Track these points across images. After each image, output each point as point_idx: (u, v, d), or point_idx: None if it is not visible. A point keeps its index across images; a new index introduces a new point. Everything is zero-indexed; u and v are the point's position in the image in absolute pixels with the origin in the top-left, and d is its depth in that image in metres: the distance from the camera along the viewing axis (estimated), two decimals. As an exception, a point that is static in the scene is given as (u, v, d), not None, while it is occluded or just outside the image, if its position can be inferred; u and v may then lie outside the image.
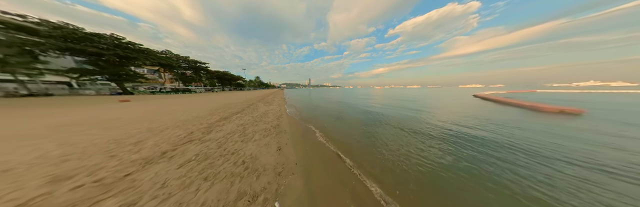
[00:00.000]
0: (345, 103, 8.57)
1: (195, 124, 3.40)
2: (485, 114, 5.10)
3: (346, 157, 2.10)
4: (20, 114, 4.24)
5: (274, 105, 7.71)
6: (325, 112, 6.03)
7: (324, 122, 4.33)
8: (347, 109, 6.71)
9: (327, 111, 6.53)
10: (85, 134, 2.45)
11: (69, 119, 3.61)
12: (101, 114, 4.37)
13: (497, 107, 6.72)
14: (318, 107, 7.67)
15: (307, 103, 9.03)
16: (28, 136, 2.30)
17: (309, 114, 5.82)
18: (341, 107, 7.48)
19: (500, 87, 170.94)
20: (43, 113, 4.47)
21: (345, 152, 2.30)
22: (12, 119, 3.56)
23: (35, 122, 3.24)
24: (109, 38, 12.56)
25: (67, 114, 4.46)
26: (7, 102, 7.18)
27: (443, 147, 2.47)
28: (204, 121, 3.66)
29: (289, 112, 6.01)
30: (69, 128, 2.80)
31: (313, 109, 7.08)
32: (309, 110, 6.80)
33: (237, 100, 9.49)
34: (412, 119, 4.61)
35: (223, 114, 4.67)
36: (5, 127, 2.87)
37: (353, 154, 2.23)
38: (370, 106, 7.56)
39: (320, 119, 4.79)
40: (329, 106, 8.09)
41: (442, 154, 2.21)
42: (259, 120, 4.05)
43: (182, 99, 10.50)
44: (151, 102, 7.88)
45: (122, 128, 2.94)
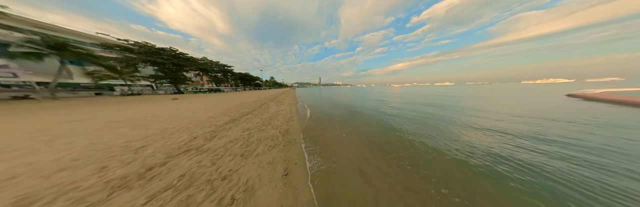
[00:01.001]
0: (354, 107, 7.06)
1: (204, 127, 3.21)
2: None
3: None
4: (127, 106, 5.56)
5: (285, 105, 7.30)
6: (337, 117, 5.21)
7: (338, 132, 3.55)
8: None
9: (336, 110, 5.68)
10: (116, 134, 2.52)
11: (131, 114, 4.00)
12: (150, 110, 5.33)
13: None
14: (328, 113, 6.86)
15: (318, 102, 8.53)
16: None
17: (322, 119, 5.09)
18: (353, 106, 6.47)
19: (613, 81, 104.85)
20: (130, 106, 6.63)
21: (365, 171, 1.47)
22: (123, 109, 4.85)
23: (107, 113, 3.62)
24: (169, 51, 16.78)
25: (137, 107, 6.49)
26: (122, 99, 10.71)
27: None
28: (214, 123, 3.48)
29: (300, 114, 5.45)
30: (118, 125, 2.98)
31: (326, 112, 6.33)
32: (323, 114, 6.07)
33: (252, 99, 9.76)
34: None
35: (234, 115, 4.52)
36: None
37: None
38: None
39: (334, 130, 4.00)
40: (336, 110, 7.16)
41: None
42: (268, 123, 3.61)
43: (211, 97, 12.04)
44: (189, 100, 9.24)
45: (145, 127, 3.10)
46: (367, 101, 8.35)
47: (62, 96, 11.78)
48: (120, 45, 13.82)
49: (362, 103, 7.67)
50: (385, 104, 7.14)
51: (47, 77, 11.18)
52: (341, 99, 10.65)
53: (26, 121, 3.55)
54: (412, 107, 6.04)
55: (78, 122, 3.31)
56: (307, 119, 4.38)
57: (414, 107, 6.03)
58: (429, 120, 3.96)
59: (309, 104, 7.87)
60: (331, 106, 7.10)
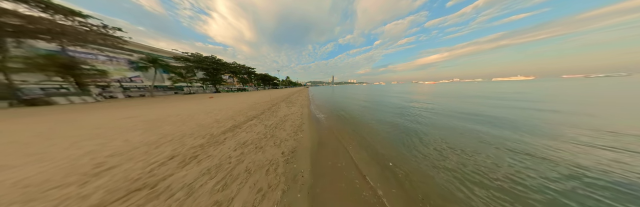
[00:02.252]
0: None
1: (199, 136, 2.65)
2: None
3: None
4: (173, 104, 7.44)
5: (296, 106, 6.63)
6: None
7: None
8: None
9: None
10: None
11: (166, 111, 4.28)
12: (180, 109, 6.04)
13: None
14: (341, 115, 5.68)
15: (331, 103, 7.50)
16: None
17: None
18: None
19: None
20: (174, 105, 7.77)
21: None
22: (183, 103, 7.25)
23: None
24: (211, 58, 22.18)
25: (178, 105, 7.51)
26: (183, 97, 14.83)
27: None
28: (213, 131, 2.91)
29: (312, 117, 4.55)
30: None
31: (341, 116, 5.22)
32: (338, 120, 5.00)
33: (266, 99, 9.77)
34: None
35: (240, 118, 4.02)
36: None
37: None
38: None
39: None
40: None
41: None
42: (271, 135, 2.80)
43: (235, 96, 13.53)
44: (218, 99, 10.46)
45: (154, 130, 2.95)
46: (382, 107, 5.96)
47: (157, 94, 17.86)
48: (183, 56, 19.75)
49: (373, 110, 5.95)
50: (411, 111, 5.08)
51: (150, 82, 17.53)
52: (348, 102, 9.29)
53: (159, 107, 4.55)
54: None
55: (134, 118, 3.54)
56: (319, 128, 3.43)
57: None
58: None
59: (320, 103, 7.11)
60: (344, 108, 5.97)
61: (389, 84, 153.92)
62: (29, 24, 7.71)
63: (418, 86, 35.78)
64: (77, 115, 4.89)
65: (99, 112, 5.39)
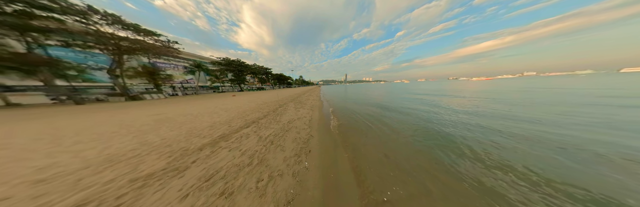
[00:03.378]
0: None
1: (170, 151, 1.96)
2: None
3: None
4: (200, 102, 8.16)
5: (306, 108, 5.60)
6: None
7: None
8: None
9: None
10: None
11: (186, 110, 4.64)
12: (199, 107, 6.42)
13: None
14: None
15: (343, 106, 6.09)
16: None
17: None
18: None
19: None
20: (200, 102, 8.54)
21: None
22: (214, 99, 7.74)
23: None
24: (236, 61, 26.22)
25: (203, 103, 8.12)
26: (217, 94, 17.45)
27: None
28: (195, 141, 2.27)
29: (324, 126, 3.42)
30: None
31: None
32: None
33: (275, 98, 9.33)
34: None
35: (237, 123, 3.36)
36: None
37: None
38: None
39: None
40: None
41: None
42: (260, 160, 1.83)
43: (250, 95, 13.95)
44: (237, 98, 11.02)
45: (151, 134, 2.53)
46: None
47: (201, 92, 22.78)
48: (217, 61, 24.55)
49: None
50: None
51: (199, 83, 23.13)
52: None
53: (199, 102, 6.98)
54: None
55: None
56: (333, 146, 2.25)
57: None
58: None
59: (332, 104, 5.86)
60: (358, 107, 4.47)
61: (414, 82, 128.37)
62: (132, 44, 11.21)
63: (461, 84, 25.39)
64: (149, 106, 7.31)
65: (153, 106, 7.16)
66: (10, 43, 7.48)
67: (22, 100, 9.09)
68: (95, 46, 9.82)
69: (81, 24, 8.92)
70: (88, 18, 9.00)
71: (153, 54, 13.16)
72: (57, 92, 8.64)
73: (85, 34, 9.18)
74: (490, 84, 21.01)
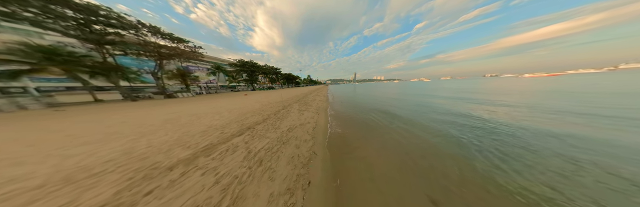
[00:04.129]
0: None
1: (152, 160, 1.62)
2: None
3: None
4: (215, 100, 9.11)
5: (311, 111, 4.99)
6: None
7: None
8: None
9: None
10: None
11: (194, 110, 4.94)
12: (207, 107, 6.45)
13: None
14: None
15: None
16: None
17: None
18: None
19: None
20: (214, 100, 9.14)
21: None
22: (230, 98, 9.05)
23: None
24: (249, 62, 27.88)
25: (217, 101, 8.77)
26: (232, 93, 18.58)
27: None
28: (176, 153, 1.89)
29: (329, 138, 2.72)
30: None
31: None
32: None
33: (281, 98, 9.05)
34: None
35: (232, 129, 2.98)
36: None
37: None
38: None
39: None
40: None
41: None
42: (245, 185, 1.27)
43: (259, 94, 14.20)
44: (247, 97, 11.30)
45: (146, 138, 2.22)
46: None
47: (221, 91, 25.12)
48: (233, 63, 26.74)
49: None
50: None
51: (220, 83, 26.79)
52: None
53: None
54: None
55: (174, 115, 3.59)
56: (340, 170, 1.56)
57: None
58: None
59: (339, 107, 5.03)
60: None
61: (436, 81, 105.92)
62: (169, 51, 13.17)
63: (508, 83, 18.29)
64: (174, 104, 7.99)
65: (176, 104, 7.75)
66: (94, 54, 9.80)
67: (102, 97, 11.50)
68: (144, 54, 12.09)
69: (134, 35, 11.11)
70: (138, 30, 11.09)
71: (184, 59, 15.37)
72: (125, 91, 10.98)
73: (137, 44, 11.45)
74: (556, 82, 14.70)
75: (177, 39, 13.33)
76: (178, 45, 13.64)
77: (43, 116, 5.25)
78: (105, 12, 9.08)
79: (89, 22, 8.76)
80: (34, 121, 4.38)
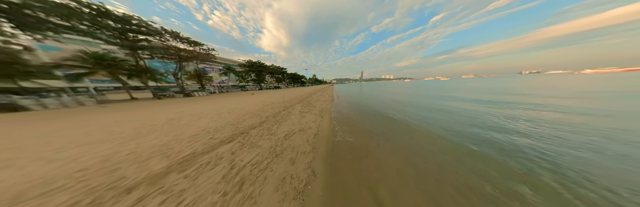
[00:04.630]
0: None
1: (119, 175, 1.32)
2: None
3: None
4: (221, 100, 9.44)
5: (314, 113, 4.52)
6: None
7: None
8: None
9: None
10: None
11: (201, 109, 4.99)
12: (219, 103, 7.12)
13: None
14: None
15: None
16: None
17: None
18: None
19: None
20: (219, 100, 9.28)
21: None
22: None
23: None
24: (257, 62, 28.93)
25: (223, 100, 9.03)
26: (240, 92, 18.97)
27: None
28: (158, 162, 1.59)
29: (333, 150, 2.17)
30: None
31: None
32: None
33: (284, 98, 8.77)
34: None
35: (225, 132, 2.70)
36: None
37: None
38: None
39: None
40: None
41: None
42: None
43: (266, 93, 14.59)
44: (253, 96, 11.37)
45: (135, 141, 1.99)
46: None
47: (232, 90, 26.95)
48: (242, 63, 28.05)
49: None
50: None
51: (232, 82, 29.15)
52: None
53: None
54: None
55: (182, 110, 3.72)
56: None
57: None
58: None
59: (346, 111, 4.32)
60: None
61: (456, 79, 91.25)
62: (187, 53, 14.44)
63: (568, 80, 14.37)
64: (186, 103, 8.49)
65: (187, 103, 8.16)
66: (129, 59, 11.34)
67: (136, 95, 13.28)
68: (167, 57, 13.54)
69: (159, 40, 12.47)
70: (162, 36, 12.45)
71: (200, 60, 16.68)
72: (153, 90, 12.35)
73: (161, 48, 12.84)
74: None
75: (193, 42, 14.49)
76: (194, 48, 14.84)
77: (88, 111, 6.12)
78: (136, 21, 10.46)
79: (125, 31, 10.21)
80: (78, 115, 5.11)
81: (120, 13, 9.79)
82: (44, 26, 7.51)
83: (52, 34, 8.02)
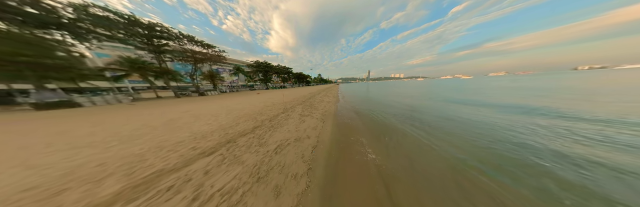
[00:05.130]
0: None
1: (59, 201, 0.94)
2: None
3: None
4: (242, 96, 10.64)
5: (315, 117, 3.98)
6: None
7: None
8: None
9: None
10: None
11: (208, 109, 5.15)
12: (224, 102, 7.46)
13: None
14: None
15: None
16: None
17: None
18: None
19: None
20: (232, 98, 10.07)
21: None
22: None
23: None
24: (263, 63, 29.86)
25: (231, 99, 9.64)
26: (248, 91, 20.89)
27: None
28: (113, 184, 1.25)
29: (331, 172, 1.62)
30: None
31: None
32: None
33: (286, 98, 8.53)
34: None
35: (212, 140, 2.39)
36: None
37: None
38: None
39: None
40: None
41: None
42: None
43: (271, 93, 14.99)
44: (258, 96, 11.80)
45: (120, 146, 1.97)
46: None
47: (241, 90, 27.31)
48: (250, 64, 29.56)
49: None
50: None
51: (242, 82, 31.67)
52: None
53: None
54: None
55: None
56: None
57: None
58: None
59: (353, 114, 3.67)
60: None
61: (481, 78, 77.44)
62: (202, 56, 15.48)
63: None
64: (196, 102, 8.79)
65: (197, 102, 8.44)
66: (154, 62, 12.78)
67: (161, 94, 15.01)
68: (184, 59, 14.76)
69: (178, 44, 13.70)
70: (180, 40, 13.61)
71: (213, 62, 18.03)
72: (174, 90, 13.91)
73: (180, 51, 14.09)
74: None
75: (206, 45, 15.72)
76: (207, 50, 16.05)
77: (119, 108, 6.68)
78: (159, 28, 11.78)
79: (150, 37, 11.56)
80: (107, 113, 5.49)
81: (146, 21, 11.24)
82: (91, 36, 9.18)
83: (96, 42, 9.66)
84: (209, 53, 15.98)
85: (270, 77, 31.59)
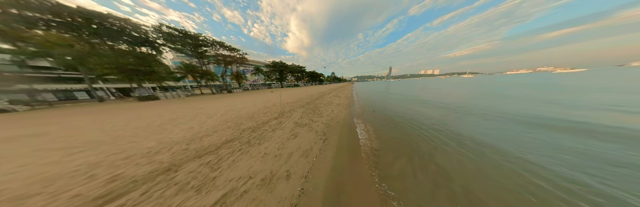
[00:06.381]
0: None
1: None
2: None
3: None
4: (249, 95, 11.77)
5: (315, 128, 2.80)
6: None
7: None
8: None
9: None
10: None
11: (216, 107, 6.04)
12: (235, 100, 7.99)
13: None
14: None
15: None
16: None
17: None
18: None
19: None
20: (247, 95, 11.33)
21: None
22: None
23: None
24: (279, 62, 32.15)
25: (246, 96, 10.71)
26: (264, 90, 24.67)
27: None
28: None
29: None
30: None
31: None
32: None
33: (290, 99, 7.73)
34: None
35: (193, 149, 1.73)
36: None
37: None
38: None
39: None
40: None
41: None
42: None
43: (283, 91, 15.44)
44: (271, 94, 12.20)
45: (104, 148, 1.92)
46: None
47: (260, 88, 31.28)
48: (267, 64, 32.42)
49: None
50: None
51: (260, 81, 34.65)
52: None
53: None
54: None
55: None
56: None
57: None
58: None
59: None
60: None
61: (603, 71, 46.46)
62: (230, 59, 18.76)
63: None
64: (216, 99, 9.66)
65: (216, 100, 9.30)
66: (198, 65, 16.32)
67: (204, 91, 19.27)
68: (217, 62, 18.15)
69: (213, 49, 17.16)
70: (214, 46, 17.01)
71: (238, 63, 21.16)
72: (212, 88, 17.40)
73: (214, 55, 17.49)
74: None
75: (232, 49, 18.78)
76: (234, 53, 19.19)
77: (169, 103, 8.06)
78: (202, 37, 15.27)
79: (196, 45, 15.01)
80: (156, 106, 6.88)
81: (192, 32, 14.68)
82: (162, 48, 13.55)
83: (165, 53, 14.03)
84: (235, 56, 18.98)
85: (285, 76, 33.16)
